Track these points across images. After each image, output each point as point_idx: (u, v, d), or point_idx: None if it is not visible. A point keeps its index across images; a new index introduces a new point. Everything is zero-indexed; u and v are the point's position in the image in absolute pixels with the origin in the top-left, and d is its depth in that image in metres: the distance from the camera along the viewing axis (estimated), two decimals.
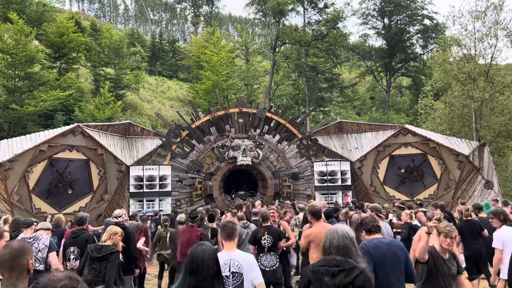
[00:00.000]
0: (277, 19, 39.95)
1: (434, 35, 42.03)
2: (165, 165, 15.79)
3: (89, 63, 36.57)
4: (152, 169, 15.35)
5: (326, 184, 16.36)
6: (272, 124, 17.56)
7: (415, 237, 6.31)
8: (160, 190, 15.15)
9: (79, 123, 15.35)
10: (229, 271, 3.64)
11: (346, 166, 16.69)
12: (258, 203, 13.27)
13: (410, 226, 7.53)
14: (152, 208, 14.67)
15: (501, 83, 22.68)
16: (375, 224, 4.03)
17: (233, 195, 17.15)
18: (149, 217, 11.89)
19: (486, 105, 22.39)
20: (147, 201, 14.99)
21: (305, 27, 40.06)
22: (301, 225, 8.34)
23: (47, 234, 6.04)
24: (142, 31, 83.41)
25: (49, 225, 6.47)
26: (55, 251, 5.86)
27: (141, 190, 15.04)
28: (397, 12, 43.82)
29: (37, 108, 23.51)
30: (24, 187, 13.20)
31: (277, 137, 17.63)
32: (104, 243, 5.33)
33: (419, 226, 7.28)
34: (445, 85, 25.28)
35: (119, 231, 5.49)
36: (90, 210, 13.94)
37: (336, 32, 37.77)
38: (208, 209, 10.93)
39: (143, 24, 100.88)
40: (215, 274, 2.89)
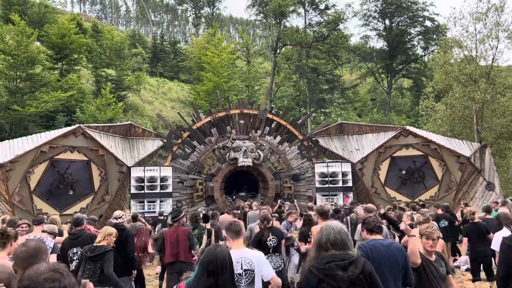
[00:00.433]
0: (278, 20, 40.03)
1: (435, 36, 41.97)
2: (166, 166, 15.80)
3: (90, 64, 36.67)
4: (153, 170, 15.35)
5: (327, 186, 16.31)
6: (273, 126, 17.57)
7: (402, 241, 6.28)
8: (161, 191, 15.15)
9: (81, 124, 15.40)
10: (242, 268, 3.68)
11: (347, 168, 16.63)
12: (255, 204, 13.26)
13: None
14: (153, 209, 14.68)
15: (502, 84, 22.62)
16: (377, 225, 4.00)
17: (234, 196, 17.15)
18: (150, 218, 11.89)
19: (487, 106, 22.34)
20: (148, 202, 14.98)
21: (306, 29, 40.15)
22: (301, 227, 8.29)
23: (51, 238, 6.02)
24: (143, 32, 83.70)
25: (55, 229, 6.43)
26: (55, 254, 5.85)
27: (142, 191, 15.05)
28: (398, 14, 43.83)
29: (38, 109, 23.57)
30: (25, 188, 13.22)
31: (278, 138, 17.63)
32: (99, 244, 5.36)
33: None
34: (446, 87, 25.23)
35: (113, 232, 5.50)
36: (91, 211, 13.93)
37: (337, 34, 37.84)
38: (214, 211, 10.76)
39: (144, 25, 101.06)
40: (232, 274, 2.97)
